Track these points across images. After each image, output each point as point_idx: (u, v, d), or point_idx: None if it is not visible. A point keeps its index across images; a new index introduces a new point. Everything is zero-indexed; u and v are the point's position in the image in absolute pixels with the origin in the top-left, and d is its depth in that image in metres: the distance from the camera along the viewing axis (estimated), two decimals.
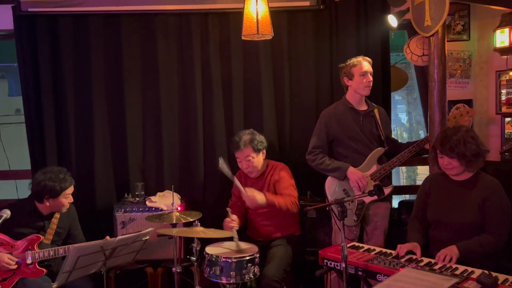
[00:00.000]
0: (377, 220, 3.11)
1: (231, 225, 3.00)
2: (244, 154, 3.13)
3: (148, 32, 3.65)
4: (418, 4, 2.94)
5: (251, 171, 3.18)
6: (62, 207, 2.87)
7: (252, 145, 3.12)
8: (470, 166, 2.46)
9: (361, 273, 2.37)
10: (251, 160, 3.13)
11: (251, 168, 3.16)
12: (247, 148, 3.12)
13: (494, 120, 3.64)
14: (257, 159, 3.15)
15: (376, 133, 3.12)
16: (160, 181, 3.69)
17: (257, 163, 3.15)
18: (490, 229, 2.41)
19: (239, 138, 3.15)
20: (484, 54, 3.67)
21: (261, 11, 2.70)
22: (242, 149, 3.12)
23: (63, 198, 2.84)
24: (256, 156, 3.14)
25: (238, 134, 3.21)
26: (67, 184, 2.85)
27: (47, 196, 2.80)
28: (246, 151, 3.12)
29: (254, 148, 3.13)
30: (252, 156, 3.13)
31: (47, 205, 2.83)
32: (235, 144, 3.16)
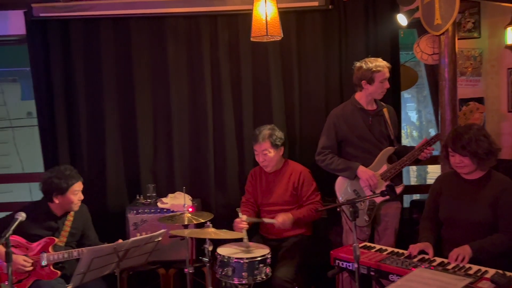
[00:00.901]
0: (388, 219, 3.10)
1: (241, 226, 3.02)
2: (262, 148, 3.16)
3: (158, 35, 3.68)
4: (428, 2, 2.93)
5: (267, 165, 3.21)
6: (72, 204, 2.88)
7: (271, 140, 3.15)
8: (482, 164, 2.45)
9: (374, 273, 2.36)
10: (268, 155, 3.16)
11: (267, 162, 3.18)
12: (265, 142, 3.15)
13: (506, 118, 3.61)
14: (274, 154, 3.17)
15: (385, 132, 3.12)
16: (171, 182, 3.72)
17: (273, 157, 3.18)
18: (504, 228, 2.40)
19: (259, 132, 3.20)
20: (495, 51, 3.63)
21: (270, 12, 2.70)
22: (261, 142, 3.16)
23: (72, 194, 2.85)
24: (273, 151, 3.17)
25: (258, 128, 3.25)
26: (74, 181, 2.87)
27: (55, 193, 2.83)
28: (264, 145, 3.15)
29: (272, 143, 3.15)
30: (269, 151, 3.15)
31: (58, 204, 2.86)
32: (254, 137, 3.21)
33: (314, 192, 3.20)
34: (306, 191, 3.18)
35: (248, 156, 3.72)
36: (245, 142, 3.72)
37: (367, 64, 3.03)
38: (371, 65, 3.02)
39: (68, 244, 2.91)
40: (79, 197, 2.92)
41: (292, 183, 3.19)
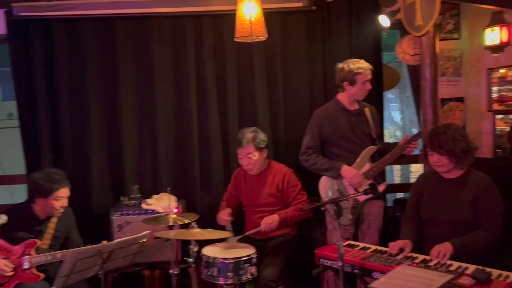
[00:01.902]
0: (371, 218, 3.14)
1: (226, 218, 3.02)
2: (246, 151, 3.16)
3: (142, 35, 3.66)
4: (409, 4, 2.98)
5: (251, 168, 3.21)
6: (53, 210, 2.81)
7: (255, 143, 3.15)
8: (459, 163, 2.50)
9: (357, 271, 2.39)
10: (252, 158, 3.16)
11: (251, 165, 3.18)
12: (249, 145, 3.15)
13: (486, 117, 3.69)
14: (258, 157, 3.17)
15: (367, 131, 3.15)
16: (156, 183, 3.70)
17: (258, 160, 3.18)
18: (484, 226, 2.45)
19: (242, 135, 3.19)
20: (475, 52, 3.71)
21: (254, 13, 2.71)
22: (245, 146, 3.15)
23: (54, 200, 2.78)
24: (257, 154, 3.17)
25: (241, 131, 3.24)
26: (60, 186, 2.79)
27: (38, 195, 2.79)
28: (248, 149, 3.15)
29: (256, 147, 3.16)
30: (253, 154, 3.15)
31: (39, 206, 2.81)
32: (238, 141, 3.20)
33: (300, 192, 3.21)
34: (292, 192, 3.19)
35: (233, 156, 3.71)
36: (230, 142, 3.72)
37: (349, 66, 3.05)
38: (353, 66, 3.04)
39: (52, 247, 2.87)
40: (62, 204, 2.84)
41: (276, 184, 3.20)
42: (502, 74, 3.53)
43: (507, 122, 3.53)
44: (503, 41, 3.37)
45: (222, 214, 3.12)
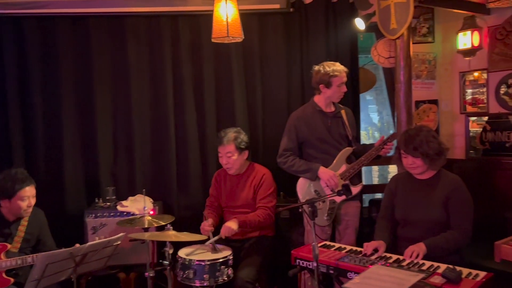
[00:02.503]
0: (348, 219, 3.17)
1: (208, 228, 3.01)
2: (226, 150, 3.15)
3: (118, 34, 3.62)
4: (384, 7, 3.02)
5: (230, 168, 3.20)
6: (20, 210, 2.73)
7: (235, 143, 3.15)
8: (433, 164, 2.55)
9: (333, 271, 2.41)
10: (231, 157, 3.15)
11: (230, 164, 3.17)
12: (230, 144, 3.14)
13: (459, 119, 3.77)
14: (237, 157, 3.16)
15: (343, 133, 3.19)
16: (132, 185, 3.66)
17: (237, 160, 3.17)
18: (455, 225, 2.50)
19: (225, 134, 3.19)
20: (448, 55, 3.79)
21: (231, 14, 2.71)
22: (225, 144, 3.15)
23: (19, 200, 2.70)
24: (237, 154, 3.16)
25: (224, 130, 3.24)
26: (23, 185, 2.70)
27: (2, 197, 2.71)
28: (228, 147, 3.14)
29: (237, 146, 3.15)
30: (232, 153, 3.15)
31: (6, 208, 2.74)
32: (219, 139, 3.20)
33: (268, 197, 3.17)
34: (261, 194, 3.17)
35: (210, 158, 3.71)
36: (208, 143, 3.71)
37: (325, 68, 3.08)
38: (328, 69, 3.07)
39: (22, 251, 2.79)
40: (29, 203, 2.76)
41: (254, 185, 3.20)
42: (475, 77, 3.62)
43: (480, 124, 3.62)
44: (474, 45, 3.46)
45: (204, 224, 3.07)
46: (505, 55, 3.41)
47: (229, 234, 2.98)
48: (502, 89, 3.45)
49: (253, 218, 3.09)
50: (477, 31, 3.46)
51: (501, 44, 3.42)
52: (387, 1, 2.99)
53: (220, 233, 2.96)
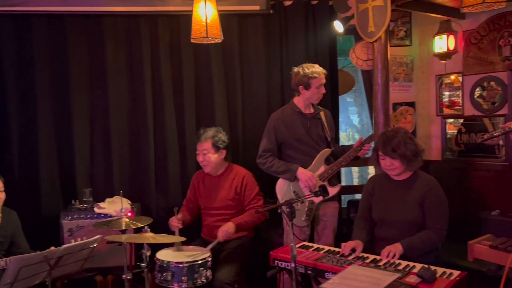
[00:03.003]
0: (326, 219, 3.20)
1: (175, 224, 3.01)
2: (202, 147, 3.16)
3: (96, 34, 3.56)
4: (362, 10, 3.06)
5: (205, 165, 3.21)
6: None
7: (212, 141, 3.15)
8: (410, 165, 2.59)
9: (311, 272, 2.42)
10: (207, 155, 3.15)
11: (205, 162, 3.18)
12: (207, 142, 3.15)
13: (435, 121, 3.84)
14: (213, 155, 3.16)
15: (322, 135, 3.21)
16: (109, 186, 3.60)
17: (213, 159, 3.16)
18: (430, 225, 2.54)
19: (204, 131, 3.20)
20: (425, 59, 3.86)
21: (210, 15, 2.70)
22: (202, 141, 3.16)
23: None
24: (213, 153, 3.15)
25: (204, 128, 3.25)
26: None
27: None
28: (205, 145, 3.15)
29: (213, 144, 3.15)
30: (208, 151, 3.15)
31: None
32: (198, 136, 3.21)
33: (256, 197, 3.21)
34: (248, 195, 3.19)
35: (190, 159, 3.69)
36: (187, 144, 3.69)
37: (304, 70, 3.10)
38: (307, 71, 3.09)
39: None
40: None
41: (235, 187, 3.20)
42: (452, 80, 3.70)
43: (457, 126, 3.70)
44: (450, 49, 3.54)
45: (172, 220, 3.07)
46: (479, 59, 3.49)
47: (226, 238, 3.00)
48: (477, 92, 3.54)
49: (248, 218, 3.11)
50: (453, 35, 3.54)
51: (476, 48, 3.51)
52: (366, 4, 3.03)
53: (218, 237, 2.98)
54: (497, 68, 3.39)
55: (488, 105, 3.47)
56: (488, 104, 3.48)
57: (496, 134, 2.35)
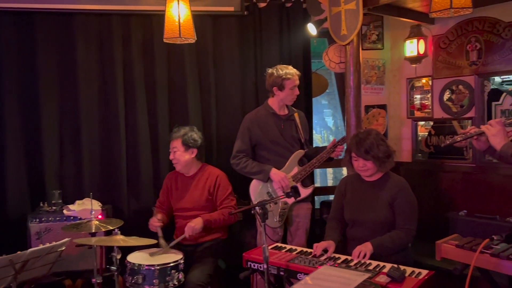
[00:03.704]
0: (299, 220, 3.22)
1: (156, 224, 2.98)
2: (173, 145, 3.16)
3: (66, 32, 3.49)
4: (335, 14, 3.10)
5: (176, 164, 3.19)
6: None
7: (182, 139, 3.13)
8: (382, 167, 2.63)
9: (283, 273, 2.43)
10: (177, 152, 3.14)
11: (175, 160, 3.17)
12: (177, 140, 3.13)
13: (406, 124, 3.92)
14: (183, 153, 3.13)
15: (296, 136, 3.24)
16: (79, 188, 3.53)
17: (182, 157, 3.14)
18: (400, 225, 2.59)
19: (177, 130, 3.18)
20: (396, 62, 3.94)
21: (183, 15, 2.68)
22: (173, 139, 3.16)
23: None
24: (182, 150, 3.13)
25: (179, 127, 3.22)
26: None
27: None
28: (175, 142, 3.14)
29: (183, 142, 3.13)
30: (178, 149, 3.13)
31: None
32: (172, 133, 3.20)
33: (228, 197, 3.18)
34: (221, 195, 3.17)
35: (163, 160, 3.65)
36: (160, 145, 3.65)
37: (278, 71, 3.13)
38: (281, 72, 3.12)
39: None
40: None
41: (208, 187, 3.18)
42: (423, 84, 3.78)
43: (428, 128, 3.78)
44: (420, 53, 3.62)
45: (152, 220, 3.05)
46: (448, 63, 3.59)
47: (193, 233, 2.96)
48: (446, 95, 3.63)
49: (217, 216, 3.08)
50: (423, 40, 3.62)
51: (445, 52, 3.60)
52: (338, 8, 3.06)
53: (185, 233, 2.94)
54: (465, 72, 3.49)
55: (457, 108, 3.56)
56: (456, 107, 3.57)
57: (458, 139, 2.41)
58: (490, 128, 2.23)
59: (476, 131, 2.32)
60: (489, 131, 2.23)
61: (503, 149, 2.19)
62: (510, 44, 3.21)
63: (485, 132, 2.26)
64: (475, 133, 2.32)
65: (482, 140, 2.34)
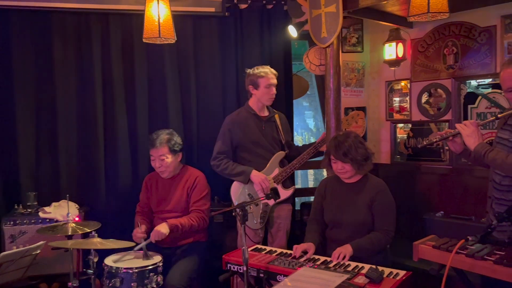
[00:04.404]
0: (280, 221, 3.23)
1: (140, 235, 2.92)
2: (159, 153, 3.05)
3: (43, 31, 3.42)
4: (315, 16, 3.12)
5: (163, 171, 3.11)
6: None
7: (169, 145, 3.06)
8: (361, 169, 2.66)
9: (263, 275, 2.42)
10: (165, 160, 3.06)
11: (163, 168, 3.08)
12: (163, 147, 3.05)
13: (385, 126, 3.97)
14: (171, 159, 3.08)
15: (277, 137, 3.25)
16: (56, 190, 3.45)
17: (170, 163, 3.09)
18: (379, 227, 2.62)
19: (157, 136, 3.08)
20: (376, 65, 3.99)
21: (163, 15, 2.66)
22: (158, 147, 3.04)
23: None
24: (170, 157, 3.08)
25: (156, 132, 3.13)
26: None
27: None
28: (162, 150, 3.05)
29: (170, 149, 3.06)
30: (166, 156, 3.06)
31: None
32: (151, 141, 3.08)
33: (201, 199, 3.11)
34: (194, 197, 3.11)
35: (142, 161, 3.60)
36: (139, 146, 3.60)
37: (253, 71, 3.17)
38: (256, 71, 3.16)
39: None
40: None
41: (187, 188, 3.15)
42: (401, 87, 3.83)
43: (407, 131, 3.84)
44: (399, 56, 3.67)
45: (136, 231, 2.97)
46: (426, 67, 3.65)
47: (158, 238, 2.88)
48: (424, 98, 3.69)
49: (185, 221, 2.99)
50: (401, 43, 3.67)
51: (422, 56, 3.66)
52: (319, 10, 3.08)
53: (150, 237, 2.87)
54: (442, 76, 3.55)
55: (434, 111, 3.63)
56: (434, 109, 3.63)
57: (434, 140, 2.48)
58: (465, 128, 2.32)
59: (452, 132, 2.39)
60: (464, 130, 2.31)
61: (477, 149, 2.27)
62: (485, 48, 3.28)
63: (460, 131, 2.34)
64: (450, 134, 2.40)
65: (457, 141, 2.43)
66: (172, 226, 2.93)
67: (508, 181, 2.26)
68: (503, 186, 2.29)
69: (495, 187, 2.34)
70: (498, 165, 2.21)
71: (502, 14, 3.18)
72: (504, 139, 2.31)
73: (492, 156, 2.20)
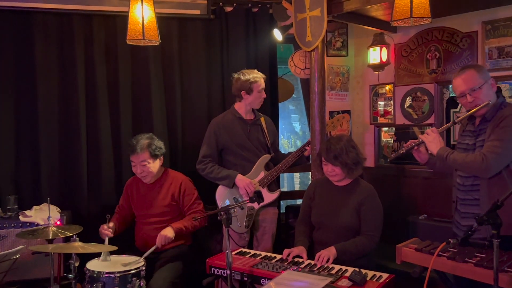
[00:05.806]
0: (265, 225, 3.22)
1: (106, 232, 2.91)
2: (140, 159, 3.01)
3: (24, 31, 3.35)
4: (300, 20, 3.13)
5: (145, 176, 3.08)
6: None
7: (150, 150, 3.02)
8: (350, 173, 2.67)
9: (247, 278, 2.42)
10: (147, 165, 3.03)
11: (145, 173, 3.05)
12: (144, 152, 3.01)
13: (369, 129, 4.00)
14: (153, 164, 3.06)
15: (263, 141, 3.24)
16: (37, 193, 3.38)
17: (153, 168, 3.06)
18: (364, 231, 2.63)
19: (137, 141, 3.03)
20: (360, 69, 4.02)
21: (147, 16, 2.64)
22: (139, 153, 3.00)
23: None
24: (152, 162, 3.05)
25: (136, 137, 3.08)
26: None
27: None
28: (143, 156, 3.01)
29: (151, 154, 3.03)
30: (148, 161, 3.03)
31: None
32: (131, 147, 3.03)
33: (195, 201, 3.14)
34: (187, 201, 3.12)
35: (125, 164, 3.55)
36: (123, 149, 3.55)
37: (245, 76, 3.14)
38: (248, 76, 3.13)
39: None
40: None
41: (172, 193, 3.12)
42: (386, 91, 3.87)
43: (391, 134, 3.88)
44: (383, 60, 3.71)
45: (102, 227, 2.95)
46: (409, 71, 3.69)
47: (165, 243, 2.89)
48: (407, 102, 3.73)
49: (188, 223, 3.02)
50: (386, 48, 3.71)
51: (406, 60, 3.70)
52: (304, 14, 3.10)
53: (156, 243, 2.87)
54: (425, 80, 3.60)
55: (418, 115, 3.67)
56: (417, 113, 3.67)
57: (401, 151, 2.61)
58: (427, 136, 2.49)
59: (416, 141, 2.54)
60: (426, 138, 2.48)
61: (439, 153, 2.41)
62: (467, 53, 3.34)
63: (423, 139, 2.50)
64: (415, 144, 2.55)
65: (422, 151, 2.58)
66: (177, 229, 2.95)
67: (471, 181, 2.38)
68: (466, 186, 2.40)
69: (459, 188, 2.46)
70: (459, 165, 2.36)
71: (483, 20, 3.24)
72: (463, 144, 2.46)
73: (453, 158, 2.35)
